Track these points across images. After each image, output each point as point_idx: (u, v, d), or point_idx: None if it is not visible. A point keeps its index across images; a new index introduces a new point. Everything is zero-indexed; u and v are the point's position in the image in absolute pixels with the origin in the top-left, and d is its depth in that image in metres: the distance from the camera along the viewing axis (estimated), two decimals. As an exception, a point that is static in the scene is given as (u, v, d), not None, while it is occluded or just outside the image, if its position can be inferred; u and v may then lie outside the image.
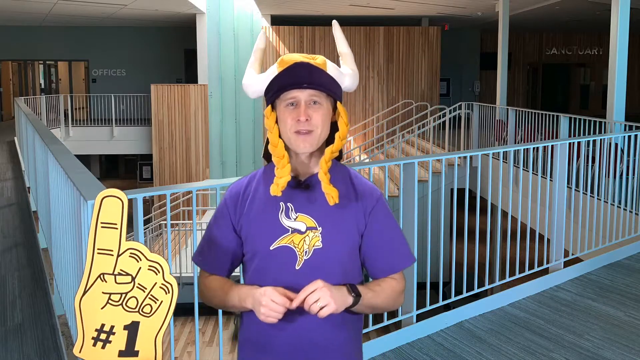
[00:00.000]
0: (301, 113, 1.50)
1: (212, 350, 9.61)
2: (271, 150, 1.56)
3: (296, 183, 1.57)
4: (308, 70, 1.52)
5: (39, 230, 6.01)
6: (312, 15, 15.95)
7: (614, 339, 3.68)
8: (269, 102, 1.58)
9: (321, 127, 1.53)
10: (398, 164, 3.78)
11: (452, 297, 4.09)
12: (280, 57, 1.57)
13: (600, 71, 20.50)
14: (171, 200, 2.98)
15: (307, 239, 1.53)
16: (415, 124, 13.32)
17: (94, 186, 2.66)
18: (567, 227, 4.80)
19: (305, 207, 1.55)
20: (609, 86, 7.69)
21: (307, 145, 1.52)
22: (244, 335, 1.64)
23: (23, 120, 9.40)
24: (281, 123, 1.54)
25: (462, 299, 4.09)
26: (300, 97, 1.51)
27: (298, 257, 1.53)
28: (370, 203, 1.59)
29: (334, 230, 1.55)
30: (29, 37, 19.57)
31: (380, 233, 1.59)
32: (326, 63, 1.57)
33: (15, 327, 3.89)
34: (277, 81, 1.54)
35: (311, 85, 1.51)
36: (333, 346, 1.58)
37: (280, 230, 1.54)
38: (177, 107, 15.55)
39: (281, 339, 1.56)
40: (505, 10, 11.74)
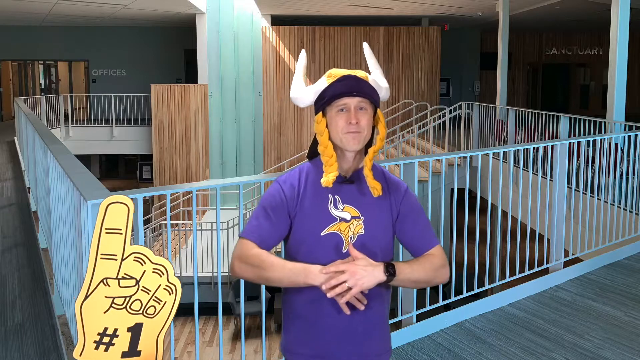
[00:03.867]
0: (352, 117, 1.78)
1: (212, 350, 9.61)
2: (321, 150, 1.82)
3: (342, 179, 1.83)
4: (356, 81, 1.81)
5: (39, 230, 6.01)
6: (312, 15, 15.95)
7: (614, 339, 3.68)
8: (319, 110, 1.84)
9: (367, 129, 1.81)
10: (398, 164, 3.78)
11: (452, 297, 4.09)
12: (328, 72, 1.85)
13: (600, 71, 20.51)
14: (171, 200, 2.98)
15: (351, 227, 1.80)
16: (415, 124, 13.32)
17: (94, 186, 2.66)
18: (567, 227, 4.80)
19: (350, 199, 1.82)
20: (609, 86, 7.69)
21: (357, 143, 1.79)
22: (295, 312, 1.85)
23: (23, 120, 9.40)
24: (332, 127, 1.81)
25: (462, 299, 4.09)
26: (350, 104, 1.79)
27: (344, 242, 1.79)
28: (400, 194, 1.87)
29: (373, 219, 1.82)
30: (29, 37, 19.57)
31: (411, 217, 1.87)
32: (368, 76, 1.86)
33: (15, 327, 3.89)
34: (329, 91, 1.81)
35: (359, 94, 1.79)
36: (375, 319, 1.83)
37: (330, 219, 1.80)
38: (177, 107, 15.54)
39: (331, 316, 1.78)
40: (505, 10, 11.74)
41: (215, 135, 15.64)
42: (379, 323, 1.86)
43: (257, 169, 15.85)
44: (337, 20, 16.42)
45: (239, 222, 3.31)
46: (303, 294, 1.81)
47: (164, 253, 11.84)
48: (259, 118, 15.77)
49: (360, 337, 1.82)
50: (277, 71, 15.60)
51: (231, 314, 10.41)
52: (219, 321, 3.00)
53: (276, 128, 15.79)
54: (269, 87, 15.65)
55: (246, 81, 15.63)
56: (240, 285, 3.11)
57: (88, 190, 2.53)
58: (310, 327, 1.82)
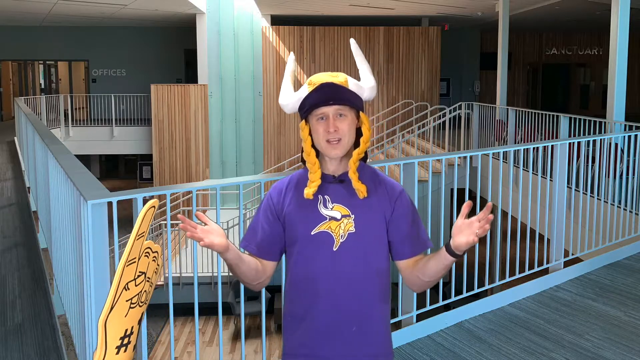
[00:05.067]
0: (330, 125, 1.80)
1: (212, 350, 9.61)
2: (305, 157, 1.86)
3: (332, 178, 1.85)
4: (332, 89, 1.81)
5: (39, 230, 6.01)
6: (312, 15, 15.95)
7: (614, 339, 3.68)
8: (302, 118, 1.87)
9: (347, 135, 1.82)
10: (398, 164, 3.77)
11: (452, 297, 4.09)
12: (309, 79, 1.86)
13: (600, 71, 20.51)
14: (171, 200, 2.98)
15: (342, 225, 1.82)
16: (415, 124, 13.33)
17: (94, 186, 2.66)
18: (567, 227, 4.79)
19: (340, 199, 1.84)
20: (609, 86, 7.69)
21: (337, 151, 1.81)
22: (286, 309, 1.90)
23: (23, 120, 9.40)
24: (314, 134, 1.84)
25: (462, 299, 4.09)
26: (328, 112, 1.81)
27: (335, 240, 1.81)
28: (394, 195, 1.87)
29: (364, 217, 1.83)
30: (29, 37, 19.56)
31: (405, 219, 1.87)
32: (347, 80, 1.85)
33: (15, 327, 3.89)
34: (307, 100, 1.83)
35: (336, 102, 1.80)
36: (370, 319, 1.83)
37: (319, 218, 1.83)
38: (177, 107, 15.54)
39: (319, 308, 1.81)
40: (505, 10, 11.74)
41: (215, 135, 15.63)
42: (377, 325, 1.85)
43: (257, 169, 15.85)
44: (337, 20, 16.42)
45: (239, 222, 3.31)
46: (297, 293, 1.84)
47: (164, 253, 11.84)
48: (259, 118, 15.77)
49: (356, 338, 1.81)
50: (277, 71, 15.60)
51: (231, 314, 10.41)
52: (219, 321, 3.00)
53: (276, 128, 15.79)
54: (269, 87, 15.65)
55: (246, 81, 15.63)
56: (240, 286, 3.11)
57: (88, 190, 2.53)
58: (305, 327, 1.83)
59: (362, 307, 1.81)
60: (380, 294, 1.85)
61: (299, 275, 1.84)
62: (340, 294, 1.80)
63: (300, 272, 1.84)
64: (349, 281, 1.80)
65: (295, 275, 1.85)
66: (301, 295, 1.83)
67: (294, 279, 1.85)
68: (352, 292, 1.80)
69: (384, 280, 1.86)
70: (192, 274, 4.97)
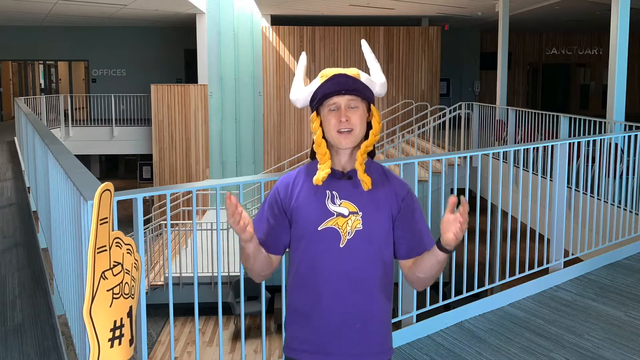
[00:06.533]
0: (342, 115, 1.80)
1: (212, 350, 9.61)
2: (315, 148, 1.86)
3: (340, 174, 1.85)
4: (345, 80, 1.83)
5: (39, 230, 6.01)
6: (312, 15, 15.95)
7: (614, 339, 3.68)
8: (313, 109, 1.88)
9: (359, 126, 1.82)
10: (398, 164, 3.77)
11: (452, 297, 4.09)
12: (321, 72, 1.88)
13: (600, 71, 20.51)
14: (171, 200, 2.98)
15: (349, 222, 1.81)
16: (415, 124, 13.33)
17: (94, 186, 2.66)
18: (567, 227, 4.79)
19: (348, 195, 1.84)
20: (609, 86, 7.68)
21: (348, 142, 1.81)
22: (291, 306, 1.91)
23: (23, 120, 9.40)
24: (325, 125, 1.84)
25: (462, 299, 4.09)
26: (341, 102, 1.82)
27: (342, 237, 1.81)
28: (402, 193, 1.88)
29: (372, 214, 1.83)
30: (29, 37, 19.56)
31: (411, 217, 1.87)
32: (359, 74, 1.87)
33: (15, 327, 3.89)
34: (320, 90, 1.84)
35: (349, 92, 1.81)
36: (373, 316, 1.83)
37: (327, 214, 1.82)
38: (177, 107, 15.54)
39: (322, 307, 1.81)
40: (505, 10, 11.74)
41: (215, 135, 15.63)
42: (380, 322, 1.86)
43: (257, 169, 15.85)
44: (337, 20, 16.42)
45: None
46: (302, 288, 1.85)
47: (164, 253, 11.84)
48: (259, 118, 15.77)
49: (358, 334, 1.82)
50: (277, 71, 15.61)
51: (231, 314, 10.41)
52: (219, 321, 3.00)
53: (276, 128, 15.79)
54: (269, 87, 15.65)
55: (246, 81, 15.63)
56: (240, 285, 3.11)
57: (88, 190, 2.53)
58: (309, 323, 1.84)
59: (366, 305, 1.82)
60: (384, 291, 1.86)
61: (304, 271, 1.84)
62: (345, 290, 1.80)
63: (306, 268, 1.83)
64: (354, 278, 1.80)
65: (300, 270, 1.85)
66: (306, 290, 1.84)
67: (299, 274, 1.85)
68: (357, 289, 1.80)
69: (388, 278, 1.87)
70: (192, 274, 4.97)
